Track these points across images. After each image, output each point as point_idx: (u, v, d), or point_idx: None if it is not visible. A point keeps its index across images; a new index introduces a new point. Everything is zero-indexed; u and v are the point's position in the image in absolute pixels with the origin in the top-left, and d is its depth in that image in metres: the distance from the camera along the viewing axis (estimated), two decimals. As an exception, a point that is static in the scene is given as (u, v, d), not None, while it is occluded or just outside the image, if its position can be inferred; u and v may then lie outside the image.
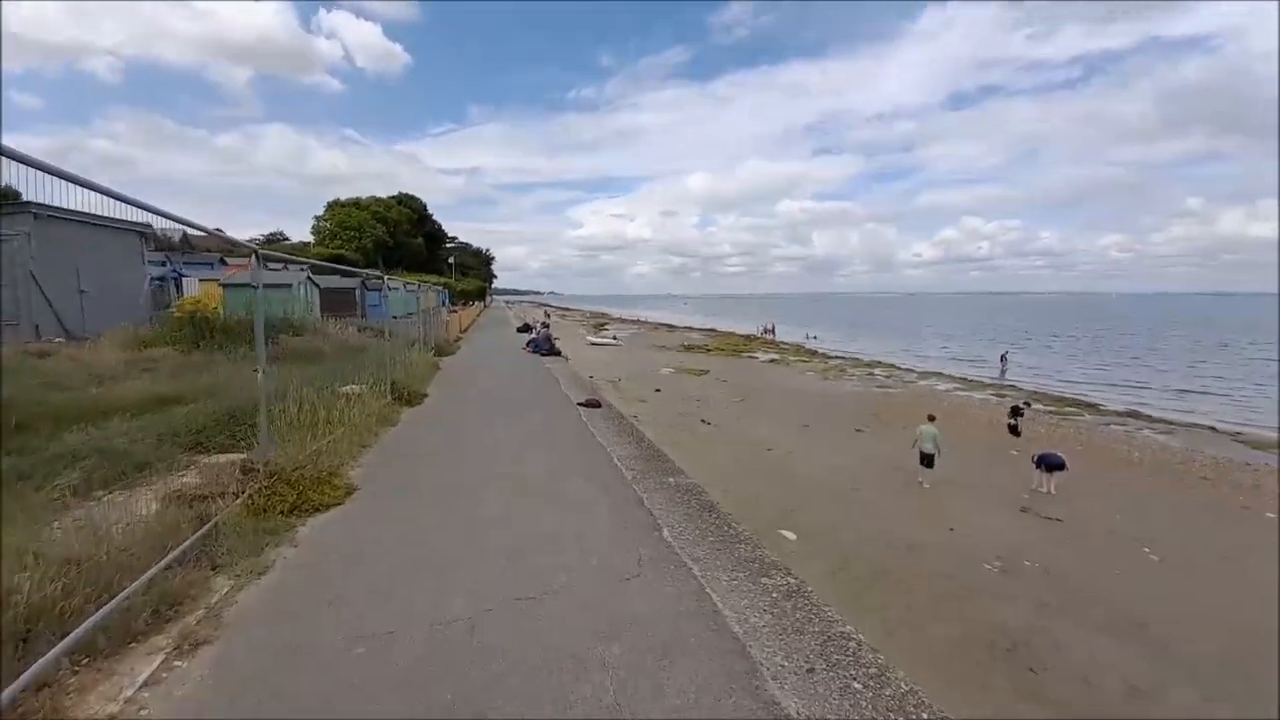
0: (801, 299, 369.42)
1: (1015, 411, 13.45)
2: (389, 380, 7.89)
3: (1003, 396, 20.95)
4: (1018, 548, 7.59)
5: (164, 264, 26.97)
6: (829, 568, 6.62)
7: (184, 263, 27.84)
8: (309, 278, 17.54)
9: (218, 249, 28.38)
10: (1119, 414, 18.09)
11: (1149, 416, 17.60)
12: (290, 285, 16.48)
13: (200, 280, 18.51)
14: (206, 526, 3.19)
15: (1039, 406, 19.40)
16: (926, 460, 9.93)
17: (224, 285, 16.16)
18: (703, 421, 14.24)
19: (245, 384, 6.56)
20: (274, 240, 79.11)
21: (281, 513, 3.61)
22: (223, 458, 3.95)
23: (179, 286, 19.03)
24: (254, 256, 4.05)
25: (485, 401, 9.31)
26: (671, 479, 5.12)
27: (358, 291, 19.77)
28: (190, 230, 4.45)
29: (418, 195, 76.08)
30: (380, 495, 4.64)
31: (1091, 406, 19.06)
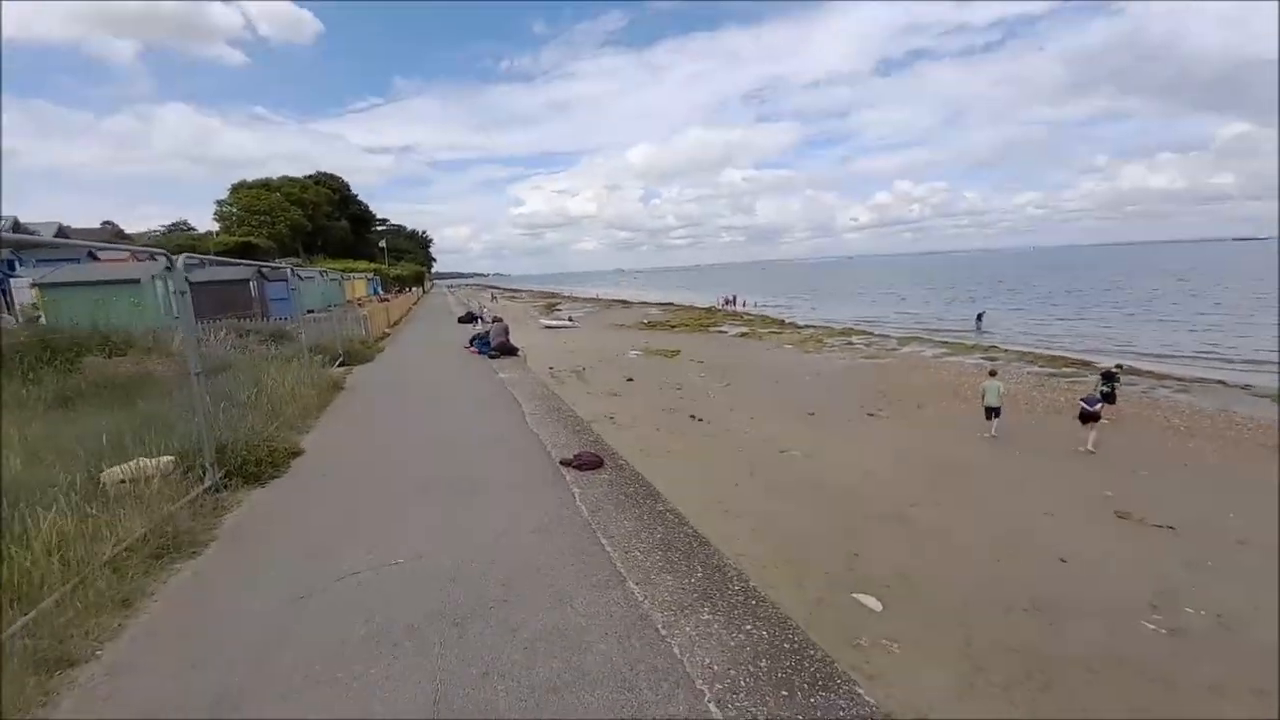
0: (747, 267, 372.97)
1: (1109, 376, 11.34)
2: (216, 438, 4.49)
3: (993, 359, 19.64)
4: (1157, 582, 5.68)
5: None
6: (955, 669, 4.39)
7: (35, 261, 22.71)
8: (168, 268, 13.12)
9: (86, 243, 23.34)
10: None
11: (1153, 373, 16.60)
12: (137, 280, 12.17)
13: (31, 283, 14.14)
14: None
15: (1037, 369, 18.21)
16: (993, 413, 10.29)
17: (38, 286, 11.72)
18: (692, 418, 11.89)
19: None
20: (176, 230, 69.87)
21: None
22: None
23: (4, 290, 14.59)
24: None
25: (396, 472, 5.03)
26: None
27: (253, 284, 15.79)
28: None
29: (342, 176, 68.96)
30: None
31: (1088, 365, 17.96)
